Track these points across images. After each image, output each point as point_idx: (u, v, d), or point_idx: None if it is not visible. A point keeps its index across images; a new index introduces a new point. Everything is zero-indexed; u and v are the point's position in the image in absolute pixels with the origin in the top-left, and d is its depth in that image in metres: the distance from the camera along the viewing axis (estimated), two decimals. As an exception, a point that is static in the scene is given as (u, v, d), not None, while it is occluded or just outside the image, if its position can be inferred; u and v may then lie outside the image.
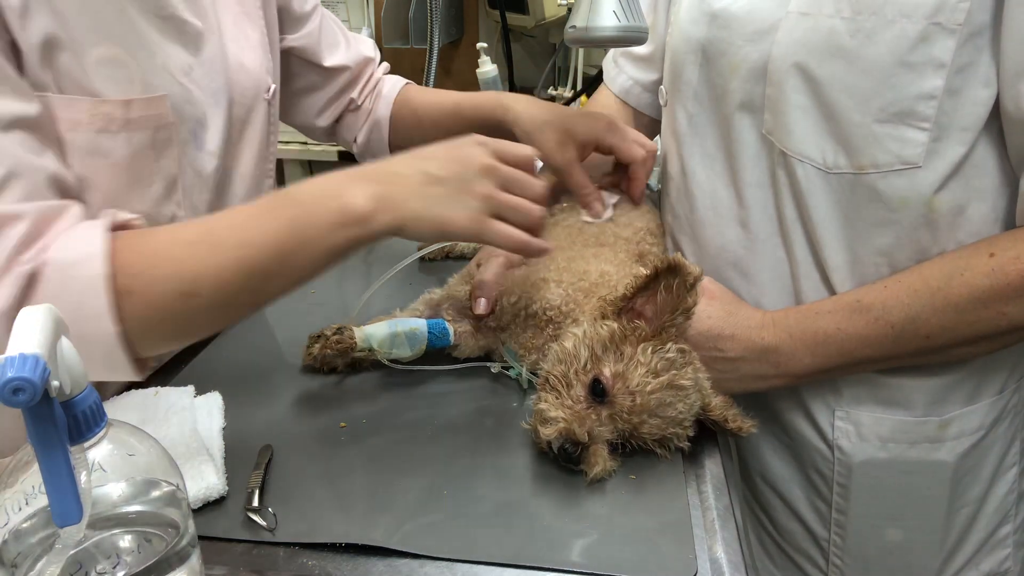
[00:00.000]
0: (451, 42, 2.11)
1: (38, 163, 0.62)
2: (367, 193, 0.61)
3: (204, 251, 0.60)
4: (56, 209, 0.61)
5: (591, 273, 0.81)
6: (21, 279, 0.56)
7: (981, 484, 0.86)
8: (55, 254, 0.58)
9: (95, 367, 0.59)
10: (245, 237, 0.60)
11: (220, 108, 0.81)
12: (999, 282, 0.68)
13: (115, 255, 0.58)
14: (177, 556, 0.48)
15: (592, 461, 0.66)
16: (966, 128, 0.69)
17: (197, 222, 0.62)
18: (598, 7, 0.73)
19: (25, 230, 0.58)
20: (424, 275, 1.08)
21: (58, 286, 0.57)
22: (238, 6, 0.86)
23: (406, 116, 1.06)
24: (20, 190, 0.59)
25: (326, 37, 1.02)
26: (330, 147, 2.27)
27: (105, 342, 0.58)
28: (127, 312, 0.58)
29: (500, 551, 0.59)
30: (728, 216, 0.85)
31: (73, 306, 0.56)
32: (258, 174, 0.91)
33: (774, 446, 0.92)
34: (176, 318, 0.60)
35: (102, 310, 0.57)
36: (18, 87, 0.62)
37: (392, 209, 0.62)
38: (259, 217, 0.61)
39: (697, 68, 0.85)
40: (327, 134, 1.11)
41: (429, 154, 0.66)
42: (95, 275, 0.57)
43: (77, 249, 0.58)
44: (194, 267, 0.59)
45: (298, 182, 0.64)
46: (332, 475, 0.68)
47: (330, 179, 0.63)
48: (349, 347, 0.80)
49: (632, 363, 0.67)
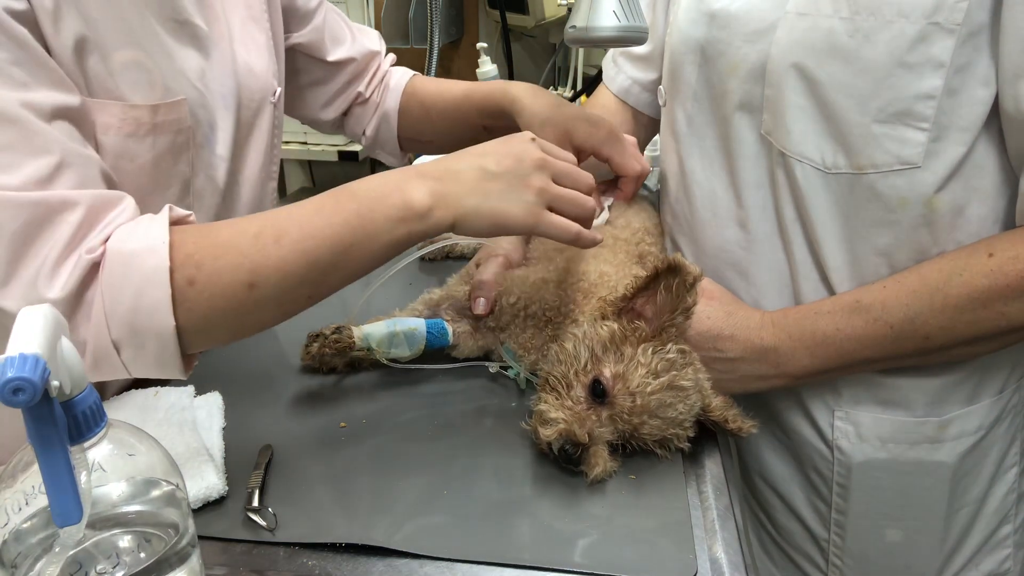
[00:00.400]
0: (451, 42, 2.11)
1: (86, 153, 0.63)
2: (426, 189, 0.63)
3: (268, 243, 0.60)
4: (111, 198, 0.61)
5: (590, 273, 0.81)
6: (84, 266, 0.57)
7: (981, 484, 0.86)
8: (117, 244, 0.58)
9: (145, 361, 0.59)
10: (308, 230, 0.61)
11: (230, 112, 0.81)
12: (998, 282, 0.68)
13: (177, 248, 0.59)
14: (177, 556, 0.48)
15: (593, 462, 0.66)
16: (965, 128, 0.69)
17: (258, 216, 0.63)
18: (598, 7, 0.73)
19: (81, 216, 0.58)
20: (424, 275, 1.08)
21: (119, 276, 0.57)
22: (245, 9, 0.86)
23: (414, 107, 1.07)
24: (74, 177, 0.60)
25: (331, 31, 1.02)
26: (330, 147, 2.27)
27: (160, 335, 0.58)
28: (189, 304, 0.58)
29: (500, 551, 0.59)
30: (727, 216, 0.85)
31: (133, 297, 0.57)
32: (263, 176, 0.91)
33: (774, 446, 0.92)
34: (237, 310, 0.61)
35: (162, 302, 0.57)
36: (59, 79, 0.62)
37: (450, 205, 0.64)
38: (322, 211, 0.63)
39: (696, 68, 0.85)
40: (334, 127, 1.11)
41: (484, 151, 0.68)
42: (157, 267, 0.57)
43: (140, 240, 0.58)
44: (258, 258, 0.60)
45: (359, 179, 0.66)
46: (332, 475, 0.68)
47: (389, 176, 0.65)
48: (347, 346, 0.80)
49: (632, 364, 0.67)
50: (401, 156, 1.11)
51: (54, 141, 0.59)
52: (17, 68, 0.58)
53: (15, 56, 0.58)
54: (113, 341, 0.58)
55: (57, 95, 0.61)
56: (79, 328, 0.57)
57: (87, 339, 0.57)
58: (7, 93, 0.57)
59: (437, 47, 1.75)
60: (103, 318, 0.57)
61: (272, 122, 0.91)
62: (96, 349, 0.58)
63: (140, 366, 0.60)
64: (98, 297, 0.57)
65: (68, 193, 0.58)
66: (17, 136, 0.57)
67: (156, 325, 0.58)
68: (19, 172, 0.57)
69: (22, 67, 0.58)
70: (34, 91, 0.59)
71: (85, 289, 0.57)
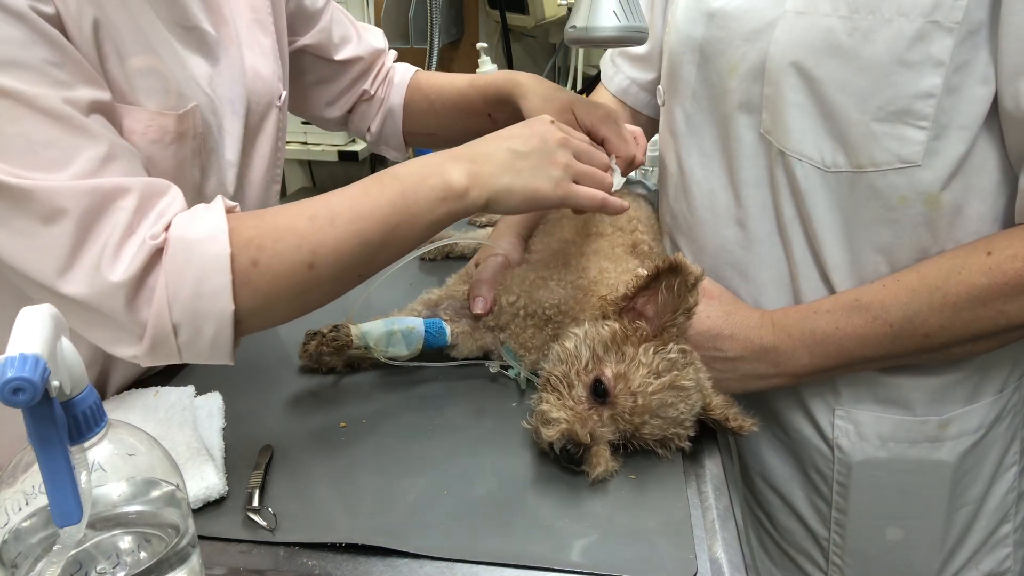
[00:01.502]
0: (451, 42, 2.11)
1: (127, 144, 0.65)
2: (463, 170, 0.67)
3: (324, 224, 0.64)
4: (160, 186, 0.63)
5: (590, 270, 0.81)
6: (148, 251, 0.59)
7: (981, 483, 0.86)
8: (180, 231, 0.60)
9: (199, 346, 0.62)
10: (360, 211, 0.65)
11: (238, 117, 0.82)
12: (997, 280, 0.68)
13: (236, 233, 0.61)
14: (177, 556, 0.48)
15: (594, 462, 0.66)
16: (965, 126, 0.69)
17: (307, 201, 0.66)
18: (598, 7, 0.73)
19: (136, 202, 0.60)
20: (424, 275, 1.08)
21: (182, 263, 0.60)
22: (251, 13, 0.86)
23: (419, 100, 1.08)
24: (123, 165, 0.62)
25: (338, 31, 1.03)
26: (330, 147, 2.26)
27: (218, 319, 0.61)
28: (252, 285, 0.61)
29: (500, 551, 0.59)
30: (726, 216, 0.85)
31: (195, 282, 0.60)
32: (267, 179, 0.91)
33: (774, 446, 0.92)
34: (297, 289, 0.64)
35: (223, 287, 0.60)
36: (92, 76, 0.63)
37: (485, 184, 0.68)
38: (369, 193, 0.66)
39: (695, 67, 0.85)
40: (338, 124, 1.12)
41: (510, 134, 0.72)
42: (219, 253, 0.60)
43: (201, 228, 0.61)
44: (316, 239, 0.63)
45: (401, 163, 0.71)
46: (332, 475, 0.68)
47: (428, 159, 0.69)
48: (345, 345, 0.80)
49: (634, 364, 0.67)
50: (405, 151, 1.11)
51: (99, 133, 0.61)
52: (55, 68, 0.59)
53: (52, 56, 0.59)
54: (173, 324, 0.60)
55: (92, 91, 0.62)
56: (140, 311, 0.60)
57: (147, 321, 0.60)
58: (49, 91, 0.59)
59: (437, 47, 1.75)
60: (165, 302, 0.59)
61: (277, 126, 0.91)
62: (155, 331, 0.60)
63: (193, 350, 0.62)
64: (161, 282, 0.59)
65: (120, 180, 0.60)
66: (64, 132, 0.59)
67: (217, 309, 0.60)
68: (72, 165, 0.59)
69: (59, 67, 0.60)
70: (74, 89, 0.61)
71: (148, 274, 0.59)
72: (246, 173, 0.87)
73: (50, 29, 0.59)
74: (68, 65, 0.61)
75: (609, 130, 0.86)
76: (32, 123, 0.58)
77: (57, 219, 0.58)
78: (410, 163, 0.69)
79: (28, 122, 0.58)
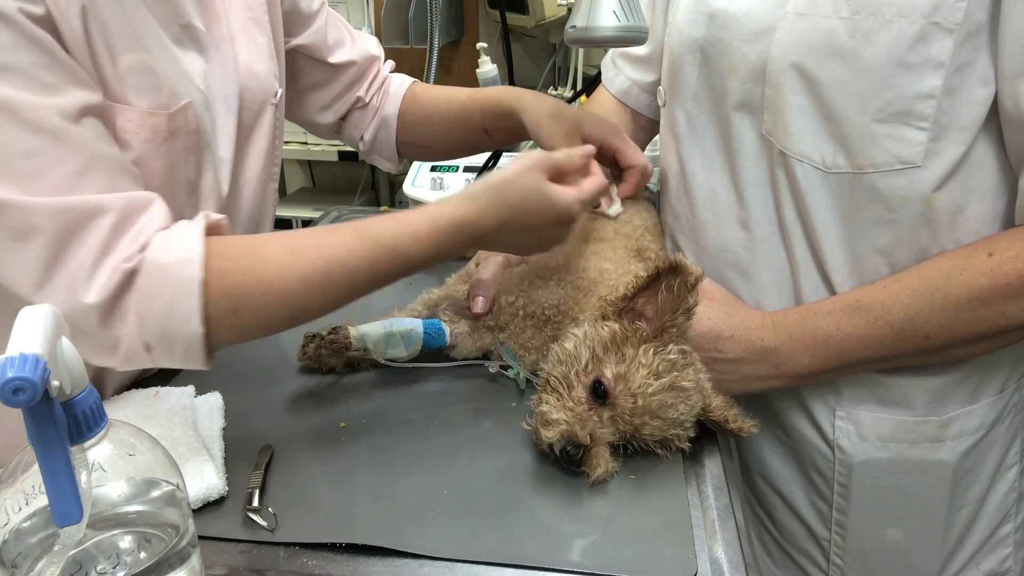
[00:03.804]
0: (451, 42, 2.11)
1: (111, 152, 0.64)
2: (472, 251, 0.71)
3: (316, 289, 0.64)
4: (141, 201, 0.63)
5: (589, 270, 0.81)
6: (121, 274, 0.59)
7: (982, 483, 0.86)
8: (155, 254, 0.60)
9: (172, 359, 0.63)
10: (358, 281, 0.66)
11: (231, 113, 0.82)
12: (998, 281, 0.68)
13: (216, 270, 0.61)
14: (177, 556, 0.48)
15: (594, 463, 0.66)
16: (965, 127, 0.69)
17: (306, 251, 0.66)
18: (598, 7, 0.73)
19: (113, 221, 0.60)
20: (423, 275, 1.07)
21: (156, 285, 0.60)
22: (247, 11, 0.86)
23: (415, 111, 1.07)
24: (100, 180, 0.61)
25: (332, 34, 1.02)
26: (330, 147, 2.26)
27: (188, 340, 0.61)
28: (225, 328, 0.62)
29: (500, 551, 0.59)
30: (728, 216, 0.85)
31: (167, 305, 0.60)
32: (264, 177, 0.91)
33: (774, 446, 0.92)
34: (275, 331, 0.67)
35: (192, 311, 0.60)
36: (83, 78, 0.63)
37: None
38: (375, 268, 0.67)
39: (696, 68, 0.85)
40: (331, 131, 1.11)
41: (530, 227, 0.72)
42: (192, 278, 0.60)
43: (176, 251, 0.61)
44: (303, 303, 0.65)
45: (414, 234, 0.69)
46: (332, 475, 0.68)
47: (442, 243, 0.69)
48: (344, 346, 0.80)
49: (634, 364, 0.67)
50: (398, 162, 1.11)
51: (80, 145, 0.61)
52: (43, 71, 0.59)
53: (39, 59, 0.59)
54: (145, 343, 0.61)
55: (83, 93, 0.62)
56: (114, 329, 0.60)
57: (121, 338, 0.60)
58: (35, 98, 0.58)
59: (437, 47, 1.75)
60: (137, 323, 0.60)
61: (273, 123, 0.91)
62: (128, 348, 0.61)
63: (167, 362, 0.63)
64: (134, 304, 0.60)
65: (99, 198, 0.60)
66: (44, 142, 0.58)
67: (187, 330, 0.61)
68: (47, 178, 0.58)
69: (48, 70, 0.59)
70: (62, 93, 0.60)
71: (121, 296, 0.60)
72: (241, 171, 0.87)
73: (39, 32, 0.59)
74: (57, 68, 0.60)
75: (621, 142, 0.87)
76: (13, 132, 0.57)
77: (29, 237, 0.57)
78: (424, 241, 0.67)
79: (9, 131, 0.57)
